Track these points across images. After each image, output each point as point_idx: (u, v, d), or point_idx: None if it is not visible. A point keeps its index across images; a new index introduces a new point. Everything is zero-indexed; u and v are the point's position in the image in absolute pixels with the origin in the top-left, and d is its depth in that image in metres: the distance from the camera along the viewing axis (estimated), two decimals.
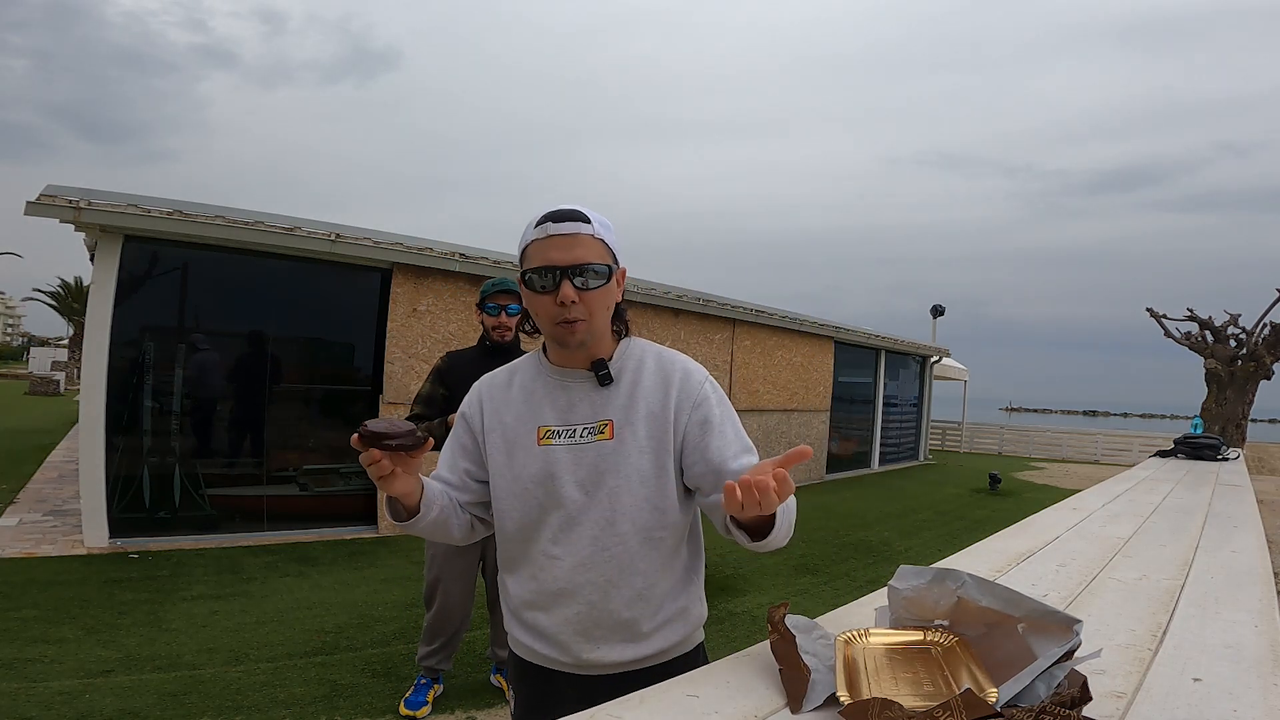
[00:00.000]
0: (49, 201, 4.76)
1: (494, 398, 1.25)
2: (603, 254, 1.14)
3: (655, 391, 1.19)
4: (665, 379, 1.20)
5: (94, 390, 5.04)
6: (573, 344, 1.15)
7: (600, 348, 1.20)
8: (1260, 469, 10.83)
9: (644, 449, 1.16)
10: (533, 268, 1.13)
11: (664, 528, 1.17)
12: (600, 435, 1.17)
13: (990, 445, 19.44)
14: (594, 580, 1.15)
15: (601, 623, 1.16)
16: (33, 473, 7.75)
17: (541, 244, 1.13)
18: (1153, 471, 4.31)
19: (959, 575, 1.00)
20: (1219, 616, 1.30)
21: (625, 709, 0.83)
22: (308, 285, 6.13)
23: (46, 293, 34.97)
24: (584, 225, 1.12)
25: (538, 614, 1.19)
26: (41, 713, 2.68)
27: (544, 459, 1.17)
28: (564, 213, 1.13)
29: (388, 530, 6.13)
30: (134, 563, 4.74)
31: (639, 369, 1.21)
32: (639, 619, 1.17)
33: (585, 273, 1.11)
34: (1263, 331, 13.72)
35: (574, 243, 1.11)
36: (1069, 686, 0.79)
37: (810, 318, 11.23)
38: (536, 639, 1.21)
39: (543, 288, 1.12)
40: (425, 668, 2.99)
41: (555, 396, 1.20)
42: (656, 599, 1.18)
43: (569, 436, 1.17)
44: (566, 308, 1.11)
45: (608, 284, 1.15)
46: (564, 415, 1.19)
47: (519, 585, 1.22)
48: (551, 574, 1.17)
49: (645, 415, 1.17)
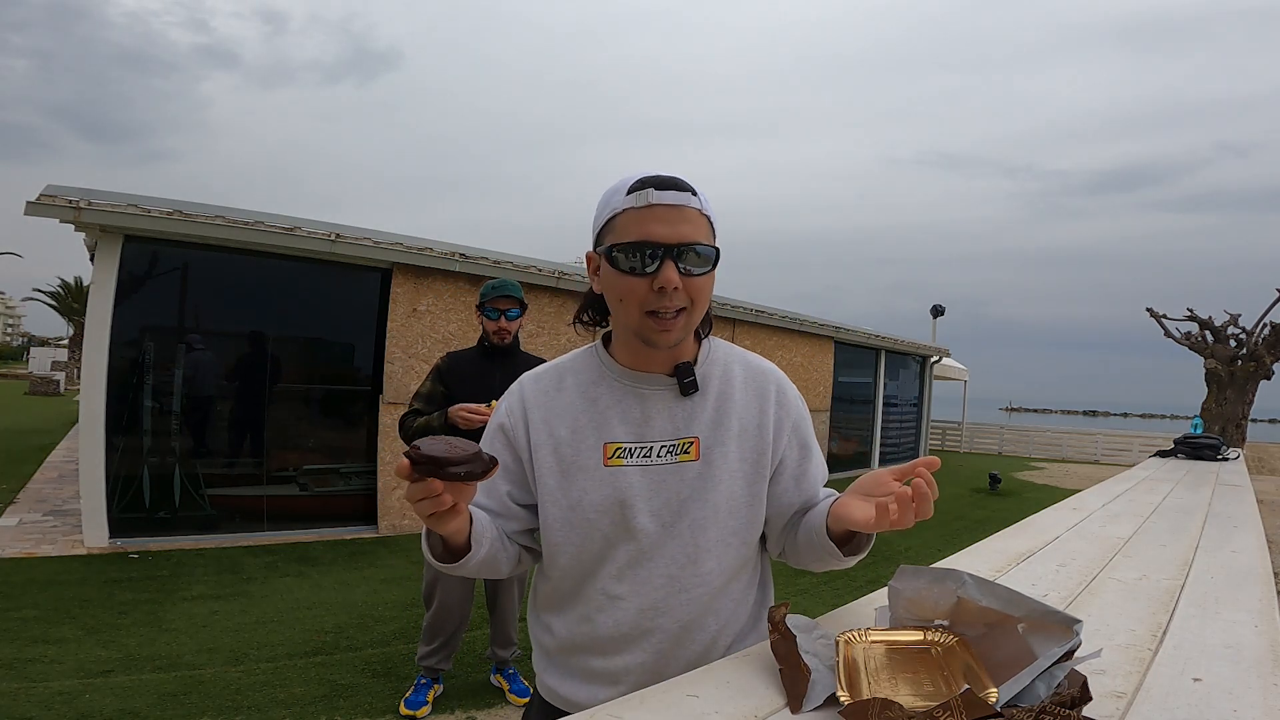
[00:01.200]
0: (49, 201, 4.76)
1: (542, 404, 1.03)
2: (709, 234, 0.95)
3: (749, 406, 1.03)
4: (760, 391, 1.05)
5: (94, 390, 5.04)
6: (665, 342, 0.96)
7: (684, 350, 1.02)
8: (1260, 469, 10.83)
9: (735, 474, 1.01)
10: (627, 242, 0.92)
11: (748, 563, 1.05)
12: (684, 456, 1.00)
13: (990, 445, 19.45)
14: (666, 626, 0.99)
15: (670, 666, 0.99)
16: (33, 473, 7.75)
17: (639, 214, 0.92)
18: (1153, 471, 4.32)
19: (959, 575, 1.00)
20: (1219, 616, 1.30)
21: (625, 709, 0.83)
22: (308, 285, 6.13)
23: (46, 293, 35.03)
24: (691, 197, 0.93)
25: (591, 659, 1.02)
26: (41, 713, 2.68)
27: (613, 483, 0.98)
28: (668, 180, 0.93)
29: (388, 530, 6.13)
30: (134, 563, 4.74)
31: (726, 377, 1.04)
32: (709, 653, 1.03)
33: (693, 254, 0.92)
34: (1263, 331, 13.73)
35: (680, 216, 0.92)
36: (1069, 686, 0.79)
37: (810, 318, 11.23)
38: (584, 684, 1.03)
39: (635, 269, 0.92)
40: (425, 668, 2.99)
41: (627, 406, 1.01)
42: (729, 638, 1.04)
43: (644, 456, 0.99)
44: (667, 294, 0.91)
45: (711, 271, 0.96)
46: (638, 430, 1.00)
47: (568, 627, 1.04)
48: (613, 617, 1.00)
49: (738, 433, 1.02)
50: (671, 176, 0.94)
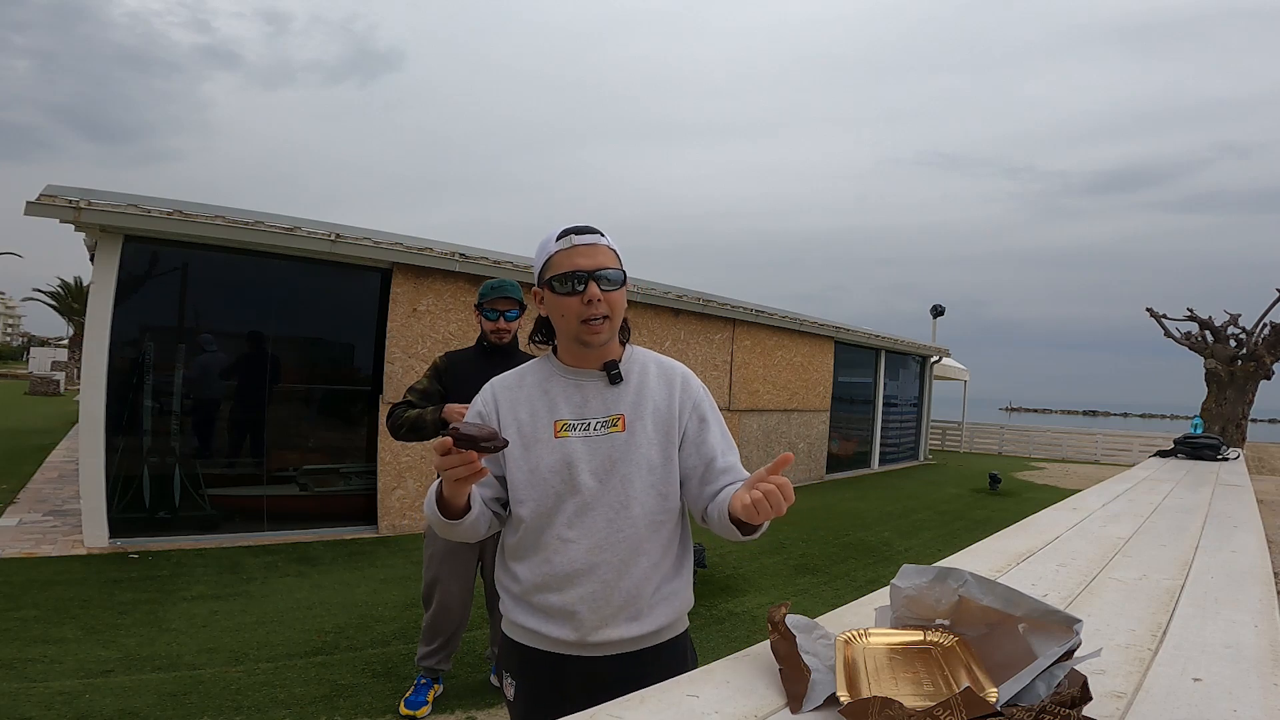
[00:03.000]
0: (49, 201, 4.76)
1: (507, 397, 1.35)
2: (617, 262, 1.30)
3: (660, 391, 1.33)
4: (669, 381, 1.35)
5: (94, 390, 5.04)
6: (597, 342, 1.28)
7: (610, 351, 1.34)
8: (1260, 469, 10.83)
9: (652, 440, 1.30)
10: (560, 274, 1.26)
11: (666, 513, 1.31)
12: (613, 428, 1.29)
13: (990, 445, 19.45)
14: (609, 560, 1.26)
15: (611, 600, 1.26)
16: (33, 473, 7.75)
17: (567, 253, 1.27)
18: (1153, 471, 4.32)
19: (960, 574, 1.00)
20: (1219, 616, 1.30)
21: (625, 709, 0.83)
22: (308, 285, 6.13)
23: (46, 293, 34.99)
24: (601, 238, 1.29)
25: (549, 595, 1.27)
26: (41, 713, 2.68)
27: (562, 450, 1.28)
28: (583, 227, 1.29)
29: (388, 530, 6.13)
30: (134, 563, 4.74)
31: (644, 371, 1.36)
32: (642, 596, 1.28)
33: (607, 277, 1.26)
34: (1263, 331, 13.72)
35: (596, 251, 1.27)
36: (1069, 686, 0.79)
37: (810, 318, 11.22)
38: (545, 620, 1.28)
39: (570, 290, 1.25)
40: (425, 668, 2.99)
41: (570, 394, 1.32)
42: (657, 579, 1.30)
43: (584, 429, 1.29)
44: (594, 306, 1.24)
45: (622, 288, 1.30)
46: (579, 410, 1.31)
47: (530, 570, 1.30)
48: (567, 556, 1.26)
49: (652, 411, 1.31)
50: (585, 225, 1.29)
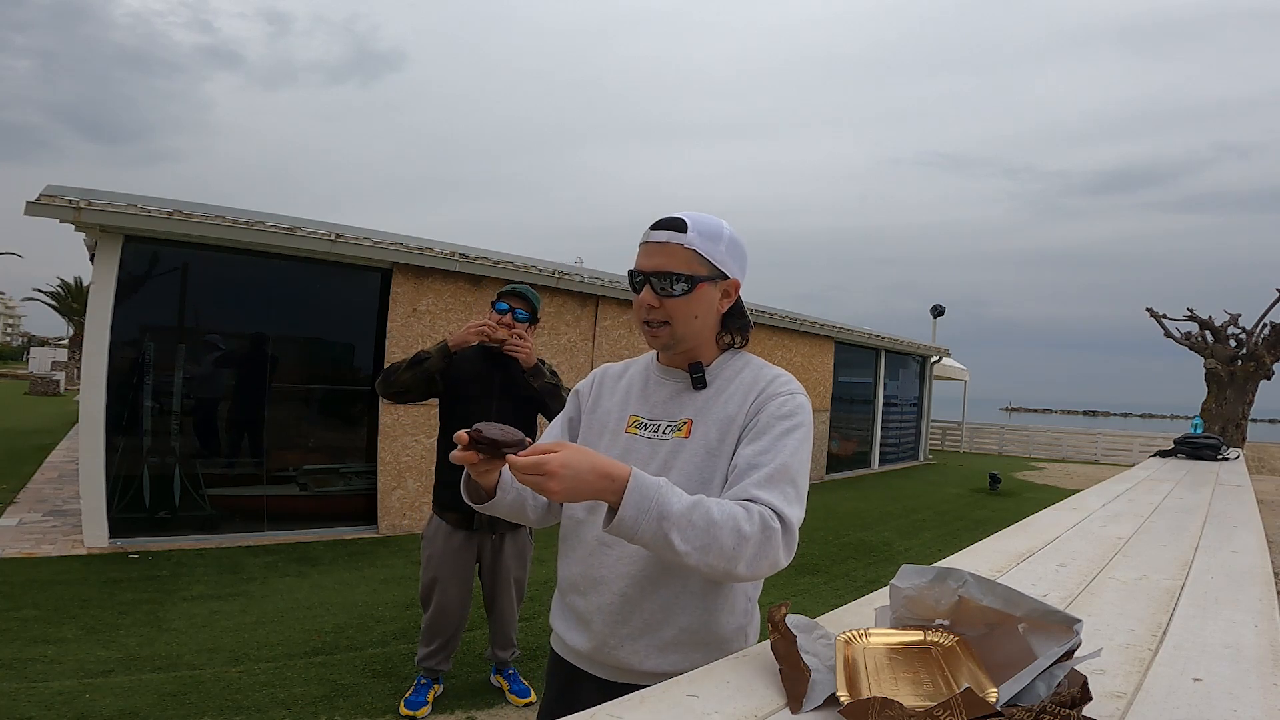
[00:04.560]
0: (49, 201, 4.76)
1: (605, 384, 1.33)
2: (690, 263, 1.16)
3: (737, 396, 1.19)
4: (753, 385, 1.20)
5: (94, 390, 5.04)
6: (655, 346, 1.24)
7: (700, 352, 1.24)
8: (1260, 469, 10.82)
9: (700, 447, 1.17)
10: (630, 270, 1.21)
11: None
12: (678, 432, 1.20)
13: (990, 445, 19.44)
14: (632, 574, 1.16)
15: (628, 619, 1.16)
16: (33, 473, 7.75)
17: (640, 248, 1.20)
18: (1153, 471, 4.32)
19: (960, 574, 1.00)
20: (1219, 616, 1.30)
21: (625, 709, 0.83)
22: (308, 285, 6.13)
23: (46, 293, 34.98)
24: (677, 234, 1.16)
25: (577, 598, 1.23)
26: (41, 713, 2.68)
27: (625, 446, 1.23)
28: (664, 221, 1.18)
29: (388, 530, 6.13)
30: (134, 563, 4.74)
31: (734, 377, 1.23)
32: (666, 625, 1.16)
33: (663, 280, 1.16)
34: (1263, 331, 13.72)
35: (660, 250, 1.16)
36: (1069, 686, 0.79)
37: (810, 317, 11.22)
38: (569, 624, 1.25)
39: (633, 290, 1.21)
40: (425, 668, 2.99)
41: (654, 392, 1.27)
42: (691, 610, 1.16)
43: (653, 430, 1.22)
44: (646, 310, 1.18)
45: (691, 293, 1.16)
46: (654, 410, 1.24)
47: (568, 567, 1.26)
48: (600, 560, 1.19)
49: (719, 417, 1.18)
50: (673, 217, 1.17)
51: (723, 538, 1.00)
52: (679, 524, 0.99)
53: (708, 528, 0.99)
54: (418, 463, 6.28)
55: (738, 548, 1.00)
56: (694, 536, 0.99)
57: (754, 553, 1.02)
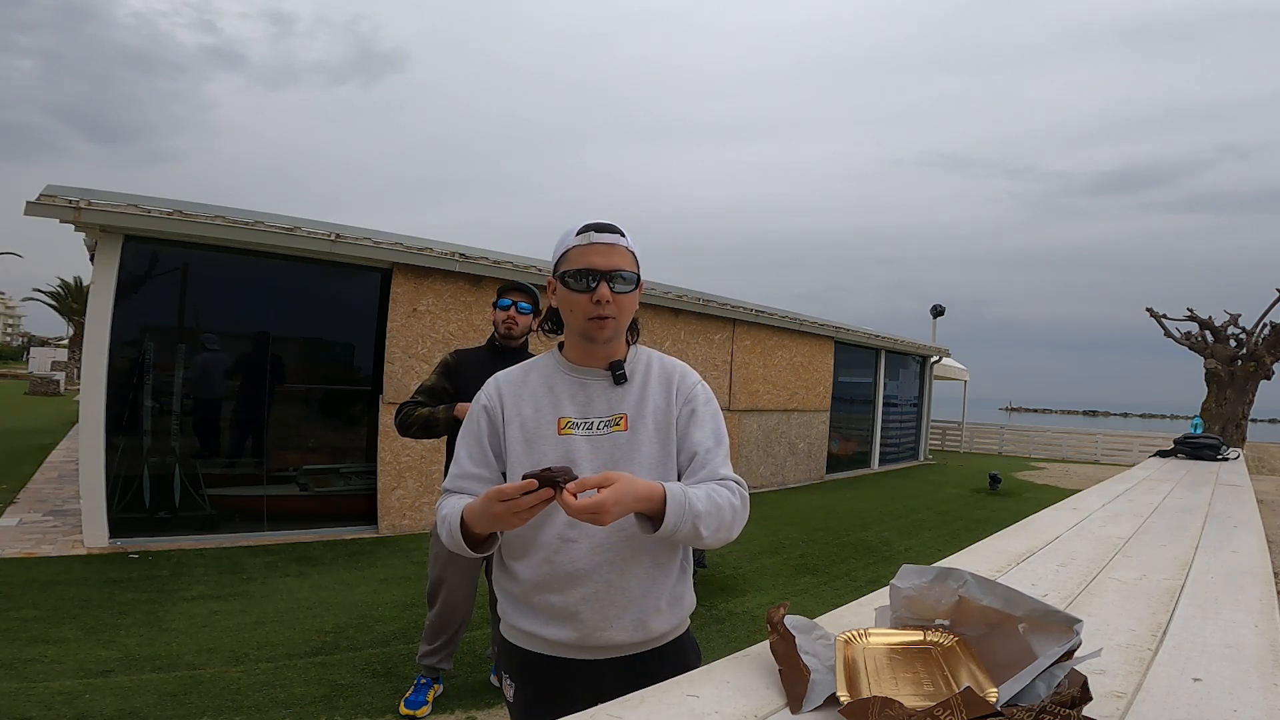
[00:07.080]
0: (49, 201, 4.76)
1: (512, 392, 1.35)
2: (633, 264, 1.31)
3: (659, 389, 1.34)
4: (668, 378, 1.36)
5: (94, 390, 5.04)
6: (601, 339, 1.29)
7: (616, 350, 1.35)
8: (1260, 469, 10.83)
9: (653, 439, 1.30)
10: (574, 269, 1.27)
11: None
12: (616, 427, 1.29)
13: (990, 445, 19.44)
14: (611, 560, 1.25)
15: (615, 601, 1.25)
16: (33, 473, 7.75)
17: (584, 249, 1.27)
18: (1153, 471, 4.32)
19: (960, 574, 1.00)
20: (1219, 616, 1.30)
21: (625, 709, 0.83)
22: (308, 285, 6.13)
23: (46, 293, 34.97)
24: (621, 238, 1.29)
25: (551, 595, 1.26)
26: (41, 713, 2.68)
27: (565, 448, 1.28)
28: (605, 225, 1.30)
29: (388, 530, 6.13)
30: (134, 563, 4.74)
31: (647, 371, 1.36)
32: (646, 597, 1.27)
33: (620, 278, 1.27)
34: (1263, 331, 13.72)
35: (613, 251, 1.28)
36: (1069, 686, 0.79)
37: (810, 318, 11.22)
38: (546, 622, 1.27)
39: (583, 288, 1.26)
40: (425, 667, 2.99)
41: (574, 392, 1.32)
42: (662, 579, 1.29)
43: (588, 428, 1.29)
44: (602, 306, 1.25)
45: (635, 290, 1.30)
46: (583, 409, 1.31)
47: (531, 569, 1.28)
48: (568, 556, 1.24)
49: (652, 410, 1.32)
50: (608, 223, 1.29)
51: (726, 516, 1.22)
52: (704, 518, 1.18)
53: (718, 513, 1.20)
54: (418, 463, 6.28)
55: (734, 520, 1.24)
56: (711, 523, 1.19)
57: (740, 519, 1.26)
